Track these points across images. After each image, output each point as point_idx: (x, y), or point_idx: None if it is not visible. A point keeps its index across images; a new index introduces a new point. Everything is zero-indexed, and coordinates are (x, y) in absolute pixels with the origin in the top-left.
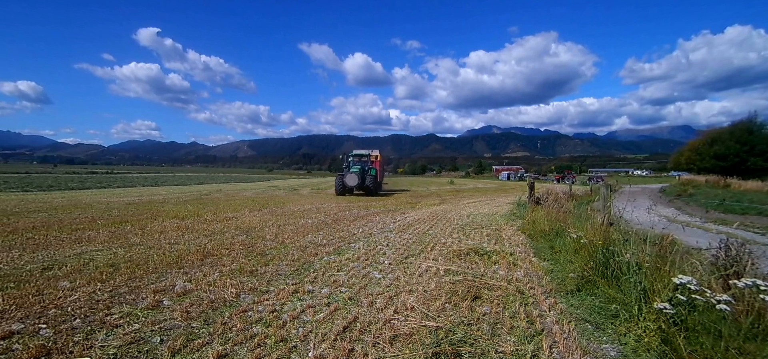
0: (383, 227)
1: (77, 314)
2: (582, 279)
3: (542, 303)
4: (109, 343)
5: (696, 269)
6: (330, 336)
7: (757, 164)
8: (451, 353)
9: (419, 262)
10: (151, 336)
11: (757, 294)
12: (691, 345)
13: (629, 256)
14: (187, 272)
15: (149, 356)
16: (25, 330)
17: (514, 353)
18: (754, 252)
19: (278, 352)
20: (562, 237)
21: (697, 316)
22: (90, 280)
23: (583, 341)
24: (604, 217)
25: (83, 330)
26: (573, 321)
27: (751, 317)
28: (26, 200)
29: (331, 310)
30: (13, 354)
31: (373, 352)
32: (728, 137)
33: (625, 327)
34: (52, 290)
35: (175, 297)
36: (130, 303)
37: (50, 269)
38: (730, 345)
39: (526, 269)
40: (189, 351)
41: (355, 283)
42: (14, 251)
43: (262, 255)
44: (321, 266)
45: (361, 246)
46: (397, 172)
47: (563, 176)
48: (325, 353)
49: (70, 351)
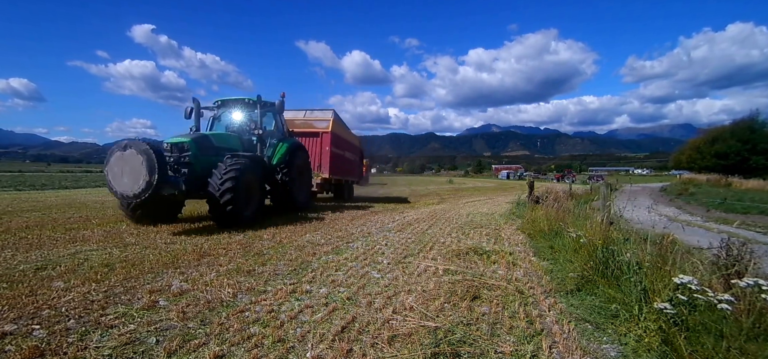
0: (382, 226)
1: (71, 314)
2: (582, 279)
3: (542, 303)
4: (104, 344)
5: (697, 269)
6: (328, 337)
7: (759, 163)
8: (450, 353)
9: (418, 262)
10: (146, 336)
11: (758, 293)
12: (692, 346)
13: (629, 256)
14: (183, 272)
15: (145, 357)
16: (18, 331)
17: (513, 353)
18: (756, 251)
19: (276, 353)
20: (561, 237)
21: (698, 316)
22: (84, 280)
23: (583, 341)
24: (604, 216)
25: (78, 330)
26: (573, 321)
27: (752, 317)
28: (19, 199)
29: (329, 310)
30: (6, 356)
31: (372, 352)
32: (730, 136)
33: (626, 327)
34: (46, 290)
35: (172, 297)
36: (126, 304)
37: (44, 269)
38: (731, 345)
39: (526, 269)
40: (185, 351)
41: (354, 283)
42: (7, 251)
43: (259, 255)
44: (319, 266)
45: (360, 245)
46: (396, 170)
47: (563, 175)
48: (323, 353)
49: (64, 352)
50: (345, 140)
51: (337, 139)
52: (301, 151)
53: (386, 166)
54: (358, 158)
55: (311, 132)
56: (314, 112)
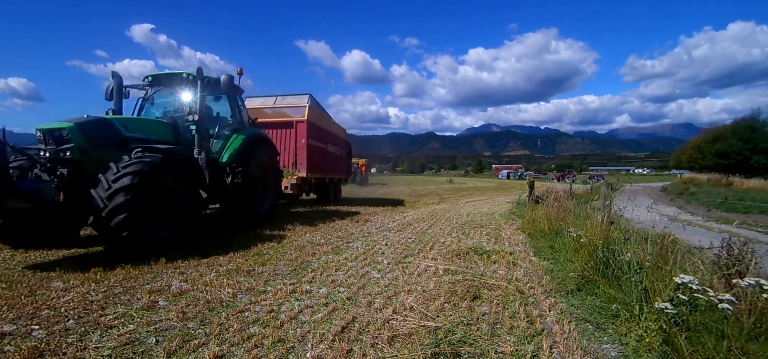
0: (382, 226)
1: (71, 315)
2: (582, 279)
3: (542, 303)
4: (103, 344)
5: (698, 268)
6: (328, 337)
7: (760, 162)
8: (450, 353)
9: (418, 262)
10: (146, 336)
11: (760, 293)
12: (693, 345)
13: (630, 255)
14: (183, 272)
15: (145, 357)
16: (18, 332)
17: (513, 353)
18: (757, 251)
19: (276, 353)
20: (562, 237)
21: (699, 316)
22: (84, 280)
23: (583, 341)
24: (605, 216)
25: (77, 331)
26: (573, 320)
27: (754, 316)
28: None
29: (329, 310)
30: (5, 356)
31: (372, 352)
32: (730, 135)
33: (626, 327)
34: (45, 290)
35: (171, 297)
36: (125, 304)
37: (43, 269)
38: (732, 345)
39: (526, 268)
40: (185, 352)
41: (354, 283)
42: (5, 251)
43: (259, 255)
44: (319, 266)
45: (360, 245)
46: (396, 170)
47: (563, 175)
48: (323, 353)
49: (63, 353)
50: (326, 131)
51: (315, 130)
52: (263, 145)
53: (386, 165)
54: (345, 152)
55: (283, 122)
56: (286, 98)
